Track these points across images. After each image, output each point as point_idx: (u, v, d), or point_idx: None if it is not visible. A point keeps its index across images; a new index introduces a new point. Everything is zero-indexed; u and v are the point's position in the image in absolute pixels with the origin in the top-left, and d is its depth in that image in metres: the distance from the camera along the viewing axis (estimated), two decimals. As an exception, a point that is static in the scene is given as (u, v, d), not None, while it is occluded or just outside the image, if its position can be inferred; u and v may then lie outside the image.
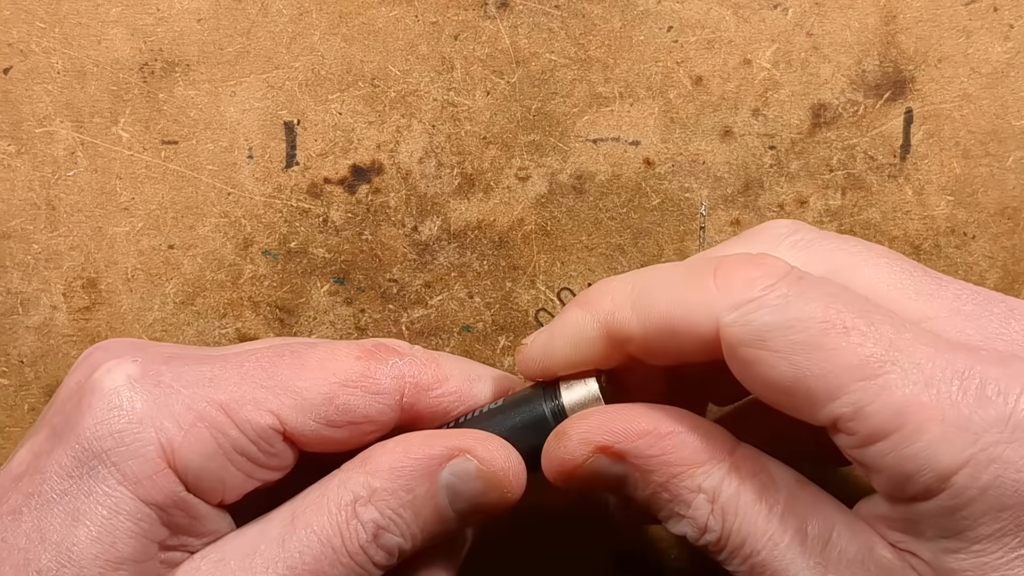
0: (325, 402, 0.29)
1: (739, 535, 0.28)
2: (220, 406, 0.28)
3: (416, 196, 0.43)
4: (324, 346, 0.31)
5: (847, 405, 0.25)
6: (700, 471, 0.28)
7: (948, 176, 0.43)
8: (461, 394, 0.32)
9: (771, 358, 0.26)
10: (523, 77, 0.43)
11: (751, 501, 0.28)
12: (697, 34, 0.43)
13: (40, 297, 0.44)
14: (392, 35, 0.43)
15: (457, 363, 0.33)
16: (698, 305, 0.27)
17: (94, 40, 0.43)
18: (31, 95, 0.43)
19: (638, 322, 0.29)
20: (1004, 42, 0.42)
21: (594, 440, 0.29)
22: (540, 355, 0.32)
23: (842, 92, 0.42)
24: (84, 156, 0.43)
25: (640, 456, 0.29)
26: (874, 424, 0.25)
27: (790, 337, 0.25)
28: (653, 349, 0.29)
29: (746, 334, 0.26)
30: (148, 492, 0.27)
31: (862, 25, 0.42)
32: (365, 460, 0.30)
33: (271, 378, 0.29)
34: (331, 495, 0.29)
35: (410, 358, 0.31)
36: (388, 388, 0.30)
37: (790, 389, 0.26)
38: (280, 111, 0.43)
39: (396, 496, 0.29)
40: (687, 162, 0.43)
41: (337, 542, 0.28)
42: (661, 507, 0.29)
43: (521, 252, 0.44)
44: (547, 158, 0.43)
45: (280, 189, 0.43)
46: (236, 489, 0.30)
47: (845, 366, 0.25)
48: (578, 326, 0.31)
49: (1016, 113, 0.42)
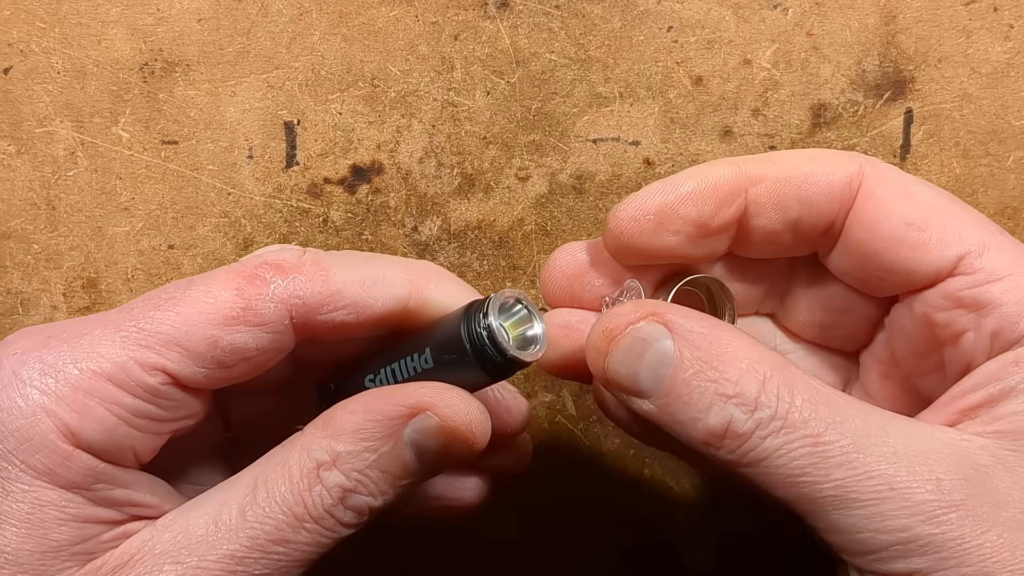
0: (209, 347, 0.28)
1: (799, 413, 0.27)
2: (106, 377, 0.27)
3: (416, 196, 0.43)
4: (201, 283, 0.29)
5: (975, 244, 0.29)
6: (750, 351, 0.28)
7: (948, 176, 0.43)
8: (357, 306, 0.30)
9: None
10: (523, 77, 0.43)
11: (807, 383, 0.28)
12: (697, 34, 0.43)
13: (40, 297, 0.44)
14: (392, 35, 0.43)
15: (351, 267, 0.30)
16: (831, 165, 0.31)
17: (94, 40, 0.43)
18: (31, 95, 0.43)
19: (776, 166, 0.31)
20: (1004, 42, 0.42)
21: (647, 306, 0.29)
22: (654, 207, 0.31)
23: (842, 92, 0.42)
24: (84, 156, 0.43)
25: (689, 331, 0.28)
26: (997, 263, 0.29)
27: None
28: (783, 196, 0.31)
29: (891, 174, 0.31)
30: (64, 478, 0.27)
31: (862, 25, 0.42)
32: (327, 423, 0.29)
33: (150, 335, 0.28)
34: (293, 461, 0.29)
35: (295, 275, 0.29)
36: (272, 316, 0.29)
37: (922, 225, 0.29)
38: (280, 111, 0.43)
39: (361, 458, 0.29)
40: (687, 162, 0.43)
41: (300, 510, 0.28)
42: (702, 393, 0.28)
43: (521, 252, 0.44)
44: (547, 158, 0.43)
45: (280, 189, 0.43)
46: (152, 447, 0.29)
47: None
48: (707, 168, 0.31)
49: (1016, 113, 0.42)
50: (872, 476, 0.26)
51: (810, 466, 0.26)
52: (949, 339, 0.30)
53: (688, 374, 0.28)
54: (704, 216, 0.31)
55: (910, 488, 0.26)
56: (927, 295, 0.30)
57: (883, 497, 0.26)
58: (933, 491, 0.26)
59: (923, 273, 0.30)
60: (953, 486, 0.26)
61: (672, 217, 0.31)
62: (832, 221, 0.31)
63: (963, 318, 0.29)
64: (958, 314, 0.29)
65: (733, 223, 0.32)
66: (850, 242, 0.31)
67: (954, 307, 0.29)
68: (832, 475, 0.26)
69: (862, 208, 0.31)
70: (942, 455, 0.27)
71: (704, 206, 0.31)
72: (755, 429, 0.27)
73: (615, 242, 0.32)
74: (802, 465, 0.27)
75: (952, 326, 0.30)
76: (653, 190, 0.31)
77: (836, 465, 0.26)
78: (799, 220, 0.32)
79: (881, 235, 0.30)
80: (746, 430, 0.27)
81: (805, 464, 0.26)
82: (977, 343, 0.29)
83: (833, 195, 0.31)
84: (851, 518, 0.26)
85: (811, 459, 0.26)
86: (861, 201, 0.31)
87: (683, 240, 0.32)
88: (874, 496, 0.26)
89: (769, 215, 0.32)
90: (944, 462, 0.26)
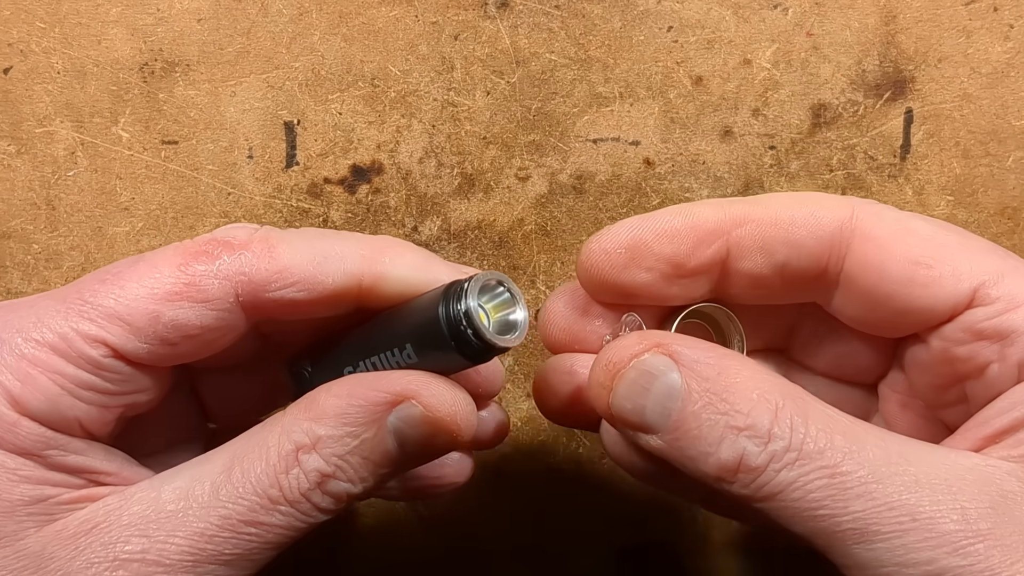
0: (151, 322, 0.28)
1: (815, 444, 0.26)
2: (49, 347, 0.27)
3: (416, 196, 0.43)
4: (148, 259, 0.29)
5: (988, 273, 0.28)
6: (760, 380, 0.27)
7: (948, 176, 0.43)
8: (306, 283, 0.29)
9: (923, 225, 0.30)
10: (523, 77, 0.43)
11: (821, 412, 0.27)
12: (697, 34, 0.43)
13: (40, 297, 0.44)
14: (392, 35, 0.43)
15: (301, 244, 0.29)
16: (821, 208, 0.30)
17: (94, 40, 0.43)
18: (31, 95, 0.43)
19: (763, 208, 0.30)
20: (1004, 42, 0.42)
21: (651, 337, 0.28)
22: (626, 241, 0.30)
23: (842, 92, 0.42)
24: (84, 156, 0.43)
25: (697, 363, 0.28)
26: (1015, 289, 0.28)
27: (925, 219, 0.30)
28: (768, 239, 0.30)
29: (886, 214, 0.30)
30: (13, 444, 0.27)
31: (862, 25, 0.42)
32: (309, 405, 0.29)
33: (93, 308, 0.27)
34: (271, 442, 0.28)
35: (241, 252, 0.28)
36: (217, 293, 0.28)
37: (930, 262, 0.29)
38: (280, 111, 0.43)
39: (342, 442, 0.28)
40: (687, 162, 0.43)
41: (275, 492, 0.28)
42: (713, 426, 0.27)
43: (521, 252, 0.44)
44: (547, 158, 0.43)
45: (280, 189, 0.43)
46: (101, 419, 0.29)
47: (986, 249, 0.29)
48: (688, 207, 0.30)
49: (1016, 113, 0.42)
50: (893, 507, 0.25)
51: (828, 498, 0.25)
52: (973, 372, 0.29)
53: (697, 407, 0.27)
54: (680, 255, 0.30)
55: (933, 518, 0.25)
56: (945, 330, 0.29)
57: (905, 529, 0.25)
58: (958, 520, 0.25)
59: (940, 310, 0.29)
60: (979, 514, 0.25)
61: (645, 253, 0.30)
62: (823, 267, 0.30)
63: (986, 350, 0.28)
64: (981, 346, 0.28)
65: (713, 265, 0.31)
66: (855, 288, 0.30)
67: (976, 340, 0.28)
68: (851, 507, 0.25)
69: (863, 252, 0.29)
70: (966, 482, 0.25)
71: (680, 244, 0.30)
72: (769, 462, 0.26)
73: (586, 276, 0.31)
74: (819, 498, 0.25)
75: (975, 359, 0.29)
76: (628, 224, 0.30)
77: (855, 496, 0.25)
78: (786, 264, 0.30)
79: (889, 277, 0.29)
80: (760, 463, 0.26)
81: (822, 496, 0.25)
82: (1003, 373, 0.28)
83: (823, 239, 0.30)
84: (873, 552, 0.25)
85: (828, 491, 0.25)
86: (860, 245, 0.29)
87: (657, 278, 0.30)
88: (896, 528, 0.25)
89: (754, 258, 0.30)
90: (969, 489, 0.25)
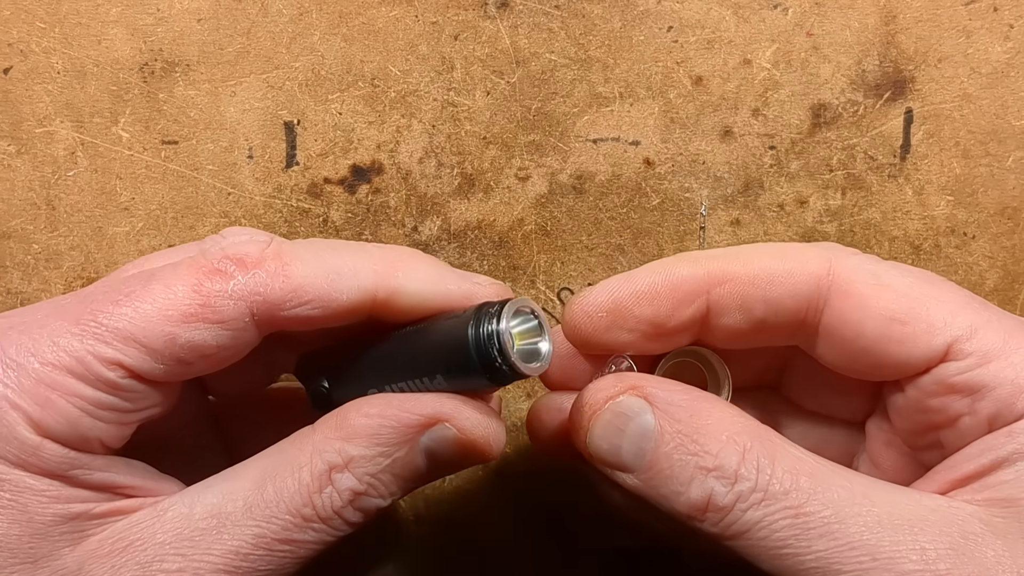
0: (167, 344, 0.28)
1: (780, 484, 0.27)
2: (67, 370, 0.27)
3: (416, 196, 0.43)
4: (161, 277, 0.28)
5: (962, 328, 0.28)
6: (730, 422, 0.28)
7: (948, 176, 0.43)
8: (321, 300, 0.29)
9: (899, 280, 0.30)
10: (523, 77, 0.43)
11: (789, 454, 0.28)
12: (697, 34, 0.43)
13: (40, 297, 0.44)
14: (392, 35, 0.43)
15: (315, 260, 0.29)
16: (799, 263, 0.30)
17: (94, 40, 0.43)
18: (31, 95, 0.43)
19: (742, 265, 0.30)
20: (1004, 42, 0.42)
21: (627, 380, 0.29)
22: (607, 304, 0.31)
23: (842, 92, 0.42)
24: (84, 156, 0.43)
25: (669, 404, 0.28)
26: (987, 345, 0.28)
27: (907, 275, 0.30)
28: (747, 298, 0.30)
29: (863, 267, 0.30)
30: (38, 466, 0.27)
31: (862, 25, 0.42)
32: (341, 424, 0.29)
33: (108, 330, 0.27)
34: (303, 461, 0.29)
35: (256, 271, 0.28)
36: (232, 314, 0.28)
37: (904, 318, 0.29)
38: (280, 111, 0.43)
39: (375, 462, 0.29)
40: (687, 162, 0.43)
41: (309, 511, 0.28)
42: (684, 466, 0.28)
43: (521, 252, 0.44)
44: (547, 158, 0.43)
45: (280, 189, 0.43)
46: (119, 436, 0.29)
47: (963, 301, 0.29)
48: (668, 265, 0.31)
49: (1016, 113, 0.42)
50: (854, 546, 0.26)
51: (791, 538, 0.26)
52: (945, 423, 0.30)
53: (669, 448, 0.28)
54: (660, 317, 0.31)
55: (893, 558, 0.25)
56: (920, 381, 0.30)
57: (866, 568, 0.25)
58: (917, 560, 0.25)
59: (914, 364, 0.29)
60: (939, 555, 0.25)
61: (626, 316, 0.31)
62: (802, 320, 0.31)
63: (958, 403, 0.29)
64: (953, 399, 0.29)
65: (693, 323, 0.31)
66: (833, 341, 0.31)
67: (948, 393, 0.29)
68: (814, 547, 0.26)
69: (839, 309, 0.30)
70: (928, 523, 0.26)
71: (660, 306, 0.31)
72: (736, 502, 0.27)
73: (571, 334, 0.32)
74: (783, 537, 0.26)
75: (947, 411, 0.29)
76: (608, 286, 0.31)
77: (817, 536, 0.26)
78: (765, 320, 0.31)
79: (864, 334, 0.30)
80: (727, 503, 0.27)
81: (787, 536, 0.26)
82: (974, 426, 0.29)
83: (799, 296, 0.30)
84: None
85: (792, 531, 0.26)
86: (837, 302, 0.30)
87: (639, 338, 0.31)
88: (856, 567, 0.25)
89: (733, 316, 0.31)
90: (930, 530, 0.26)
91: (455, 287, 0.30)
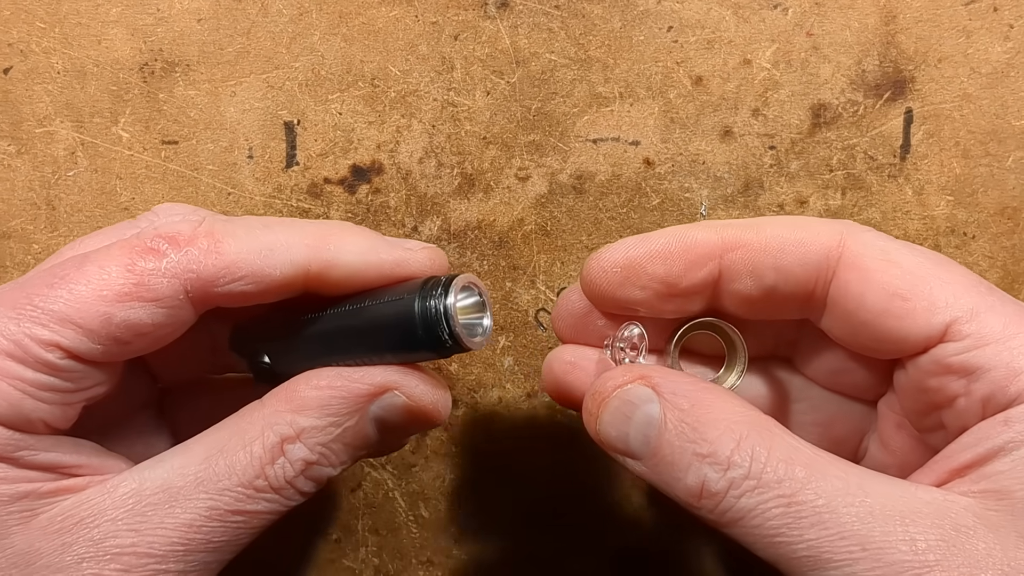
0: (103, 324, 0.28)
1: (774, 473, 0.27)
2: (5, 354, 0.28)
3: (416, 196, 0.43)
4: (95, 259, 0.29)
5: (963, 310, 0.28)
6: (730, 412, 0.29)
7: (948, 176, 0.43)
8: (254, 276, 0.29)
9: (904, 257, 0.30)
10: (523, 77, 0.43)
11: (785, 443, 0.28)
12: (697, 34, 0.43)
13: (40, 297, 0.44)
14: (392, 35, 0.43)
15: (247, 237, 0.30)
16: (811, 234, 0.31)
17: (94, 40, 0.43)
18: (31, 95, 0.43)
19: (755, 233, 0.31)
20: (1004, 42, 0.42)
21: (635, 370, 0.30)
22: (622, 260, 0.32)
23: (842, 92, 0.42)
24: (84, 156, 0.43)
25: (675, 394, 0.29)
26: (986, 328, 0.28)
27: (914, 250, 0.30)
28: (758, 264, 0.31)
29: (874, 243, 0.30)
30: None
31: (862, 25, 0.42)
32: (291, 396, 0.30)
33: (44, 312, 0.28)
34: (254, 435, 0.29)
35: (188, 248, 0.29)
36: (166, 292, 0.28)
37: (907, 295, 0.29)
38: (280, 111, 0.43)
39: (326, 432, 0.30)
40: (687, 162, 0.43)
41: (261, 482, 0.29)
42: (682, 453, 0.28)
43: (521, 252, 0.44)
44: (547, 158, 0.43)
45: (280, 189, 0.43)
46: (64, 416, 0.29)
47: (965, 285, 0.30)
48: (684, 229, 0.31)
49: (1016, 113, 0.42)
50: (845, 536, 0.26)
51: (784, 526, 0.27)
52: (943, 403, 0.30)
53: (671, 435, 0.29)
54: (672, 276, 0.32)
55: (883, 548, 0.26)
56: (920, 361, 0.30)
57: (856, 558, 0.26)
58: (907, 551, 0.25)
59: (912, 342, 0.30)
60: (929, 546, 0.26)
61: (639, 272, 0.32)
62: (811, 291, 0.31)
63: (954, 384, 0.29)
64: (949, 380, 0.29)
65: (705, 286, 0.32)
66: (837, 313, 0.31)
67: (944, 373, 0.29)
68: (805, 535, 0.26)
69: (845, 280, 0.30)
70: (921, 515, 0.26)
71: (673, 266, 0.32)
72: (728, 488, 0.27)
73: (587, 289, 0.33)
74: (776, 525, 0.27)
75: (944, 391, 0.30)
76: (625, 244, 0.32)
77: (809, 525, 0.26)
78: (775, 288, 0.32)
79: (867, 307, 0.30)
80: (719, 489, 0.27)
81: (779, 524, 0.27)
82: (969, 408, 0.29)
83: (809, 265, 0.31)
84: None
85: (785, 519, 0.27)
86: (844, 273, 0.31)
87: (651, 296, 0.32)
88: (847, 556, 0.26)
89: (744, 281, 0.32)
90: (922, 522, 0.26)
91: (387, 255, 0.31)
